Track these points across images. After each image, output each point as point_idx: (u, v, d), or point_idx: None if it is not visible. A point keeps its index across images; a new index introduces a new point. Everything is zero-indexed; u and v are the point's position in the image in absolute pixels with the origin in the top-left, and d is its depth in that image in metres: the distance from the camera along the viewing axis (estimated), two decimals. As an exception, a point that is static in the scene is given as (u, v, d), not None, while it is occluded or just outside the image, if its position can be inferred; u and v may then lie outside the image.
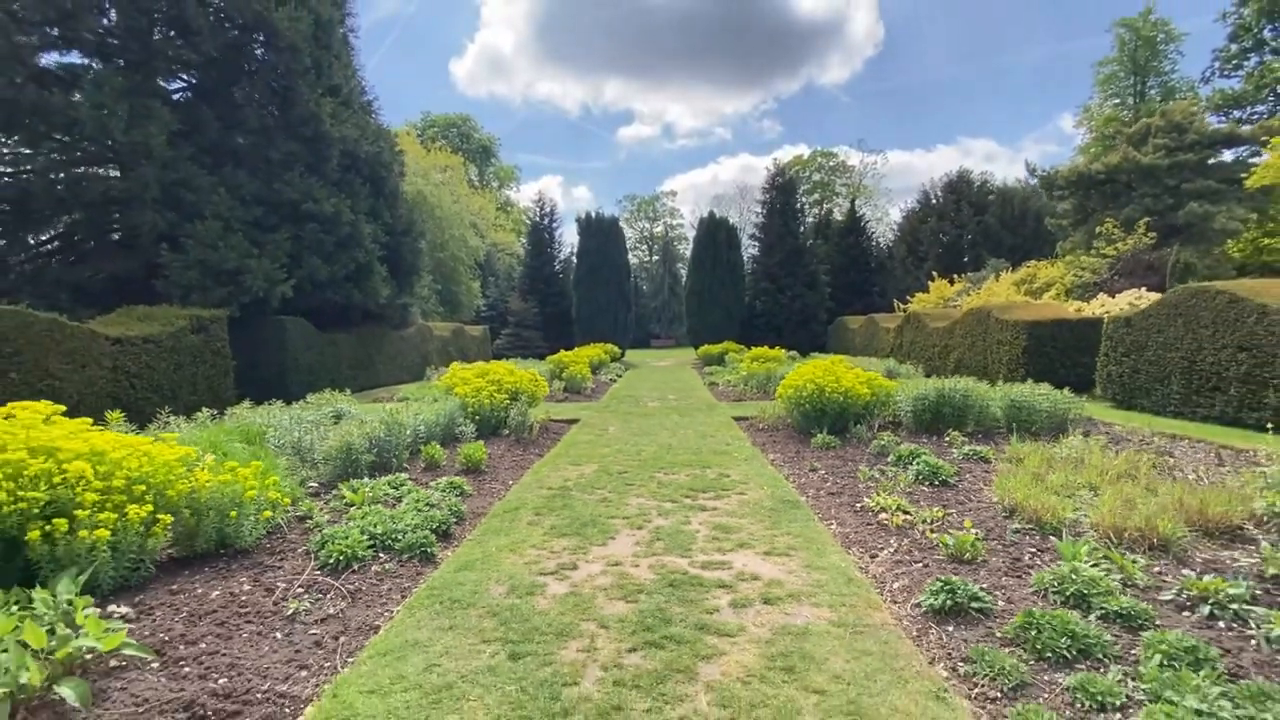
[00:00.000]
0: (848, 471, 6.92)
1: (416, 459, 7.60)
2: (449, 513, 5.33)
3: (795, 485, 6.59)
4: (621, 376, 22.14)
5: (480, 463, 7.35)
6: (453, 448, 8.24)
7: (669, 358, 35.55)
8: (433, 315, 31.52)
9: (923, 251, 36.82)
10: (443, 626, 3.49)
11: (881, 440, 7.90)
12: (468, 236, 37.80)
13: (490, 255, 44.32)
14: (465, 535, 5.14)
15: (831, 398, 8.76)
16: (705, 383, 18.55)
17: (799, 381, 9.09)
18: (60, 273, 13.67)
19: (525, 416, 9.49)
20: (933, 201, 38.70)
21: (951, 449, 7.67)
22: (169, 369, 11.10)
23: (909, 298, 29.13)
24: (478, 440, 8.32)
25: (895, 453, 7.12)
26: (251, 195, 14.25)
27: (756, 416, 10.66)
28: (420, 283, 24.25)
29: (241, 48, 14.73)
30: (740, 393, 15.21)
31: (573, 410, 12.67)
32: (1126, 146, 24.30)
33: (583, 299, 35.58)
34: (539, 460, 8.04)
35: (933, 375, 15.02)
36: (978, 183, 37.88)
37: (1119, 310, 12.94)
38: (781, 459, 7.83)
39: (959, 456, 7.27)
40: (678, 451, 8.35)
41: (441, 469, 7.28)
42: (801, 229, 36.25)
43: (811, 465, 7.31)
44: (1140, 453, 6.77)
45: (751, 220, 49.75)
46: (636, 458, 8.01)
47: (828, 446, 8.11)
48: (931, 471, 6.24)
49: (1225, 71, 32.45)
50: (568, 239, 55.47)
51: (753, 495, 6.14)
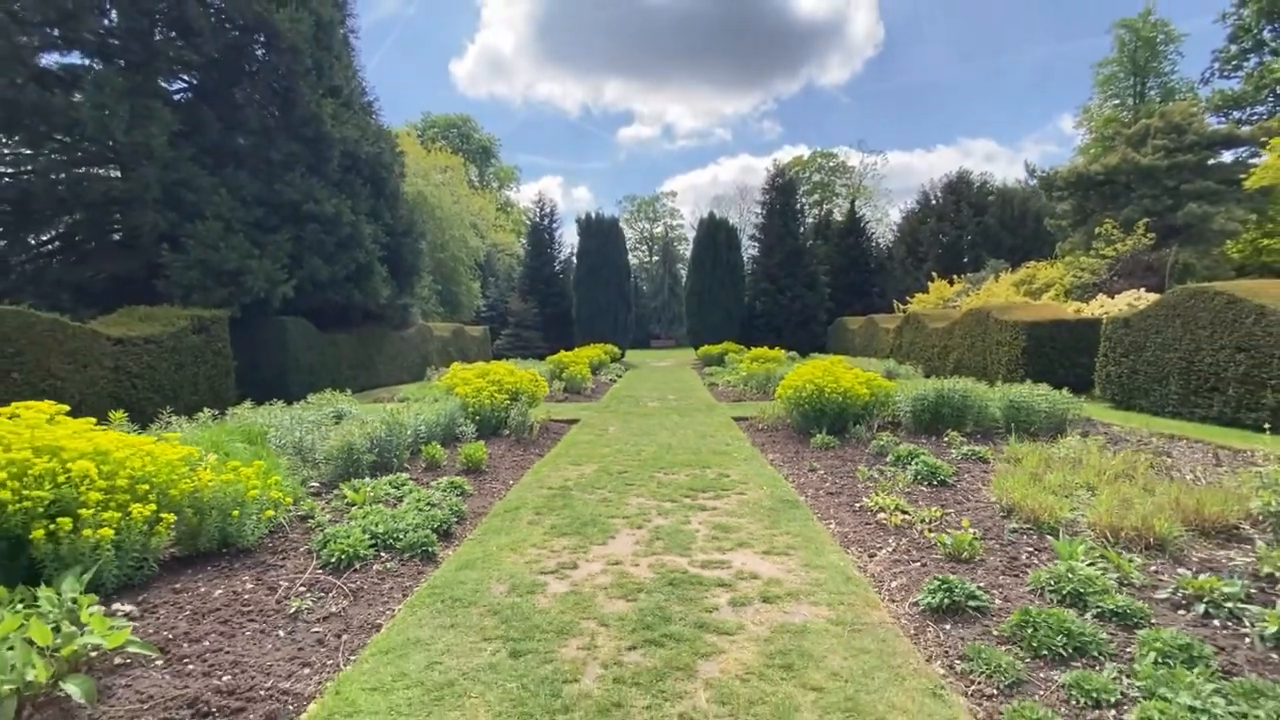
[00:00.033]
0: (847, 471, 6.95)
1: (417, 459, 7.63)
2: (450, 512, 5.36)
3: (794, 485, 6.62)
4: (621, 377, 22.17)
5: (481, 463, 7.38)
6: (453, 448, 8.27)
7: (669, 358, 35.58)
8: (433, 316, 31.55)
9: (922, 252, 36.86)
10: (444, 625, 3.52)
11: (880, 440, 7.93)
12: (468, 237, 37.84)
13: (490, 256, 44.35)
14: (466, 535, 5.17)
15: (831, 398, 8.79)
16: (705, 383, 18.59)
17: (798, 382, 9.12)
18: (61, 273, 13.70)
19: (525, 417, 9.52)
20: (932, 202, 38.74)
21: (950, 449, 7.70)
22: (170, 369, 11.12)
23: (908, 298, 29.15)
24: (478, 440, 8.35)
25: (894, 453, 7.15)
26: (252, 196, 14.28)
27: (756, 417, 10.68)
28: (421, 283, 24.29)
29: (242, 48, 14.76)
30: (740, 393, 15.25)
31: (573, 410, 12.70)
32: (1126, 147, 24.32)
33: (583, 299, 35.59)
34: (539, 460, 8.07)
35: (932, 376, 15.04)
36: (977, 183, 37.93)
37: (1118, 311, 12.96)
38: (781, 459, 7.86)
39: (957, 457, 7.30)
40: (677, 451, 8.38)
41: (442, 469, 7.31)
42: (801, 230, 36.30)
43: (811, 465, 7.34)
44: (1138, 453, 6.81)
45: (751, 221, 49.87)
46: (636, 458, 8.03)
47: (827, 446, 8.14)
48: (930, 471, 6.27)
49: (1225, 72, 32.49)
50: (568, 239, 55.68)
51: (752, 495, 6.17)
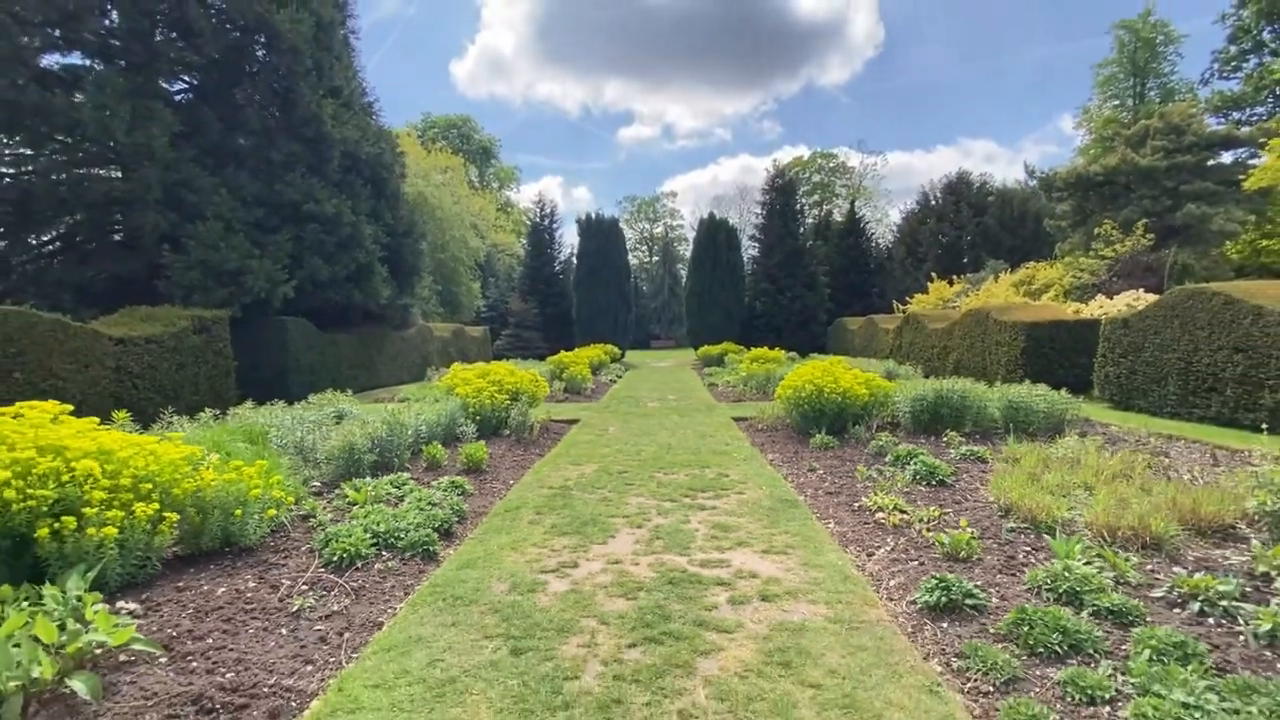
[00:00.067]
0: (846, 471, 6.97)
1: (418, 459, 7.66)
2: (451, 512, 5.38)
3: (793, 485, 6.64)
4: (621, 377, 22.20)
5: (481, 462, 7.41)
6: (454, 448, 8.30)
7: (669, 358, 35.61)
8: (433, 316, 31.58)
9: (922, 253, 36.89)
10: (445, 623, 3.55)
11: (879, 440, 7.96)
12: (468, 237, 37.86)
13: (490, 256, 44.37)
14: (467, 534, 5.20)
15: (830, 398, 8.82)
16: (705, 383, 18.61)
17: (798, 382, 9.15)
18: (63, 273, 13.73)
19: (526, 417, 9.54)
20: (932, 203, 38.77)
21: (949, 449, 7.72)
22: (171, 369, 11.16)
23: (908, 299, 29.18)
24: (479, 440, 8.38)
25: (893, 453, 7.18)
26: (253, 196, 14.32)
27: (755, 417, 10.71)
28: (421, 283, 24.32)
29: (243, 49, 14.80)
30: (739, 393, 15.28)
31: (573, 411, 12.73)
32: (1125, 148, 24.33)
33: (583, 300, 35.62)
34: (540, 460, 8.09)
35: (931, 376, 15.05)
36: (977, 184, 37.95)
37: (1117, 311, 12.98)
38: (780, 459, 7.89)
39: (956, 457, 7.33)
40: (677, 451, 8.41)
41: (443, 469, 7.34)
42: (801, 230, 36.37)
43: (810, 465, 7.36)
44: (1136, 453, 6.83)
45: (751, 221, 49.95)
46: (636, 457, 8.06)
47: (826, 446, 8.17)
48: (929, 471, 6.30)
49: (1224, 73, 32.56)
50: (568, 240, 55.79)
51: (751, 494, 6.20)
